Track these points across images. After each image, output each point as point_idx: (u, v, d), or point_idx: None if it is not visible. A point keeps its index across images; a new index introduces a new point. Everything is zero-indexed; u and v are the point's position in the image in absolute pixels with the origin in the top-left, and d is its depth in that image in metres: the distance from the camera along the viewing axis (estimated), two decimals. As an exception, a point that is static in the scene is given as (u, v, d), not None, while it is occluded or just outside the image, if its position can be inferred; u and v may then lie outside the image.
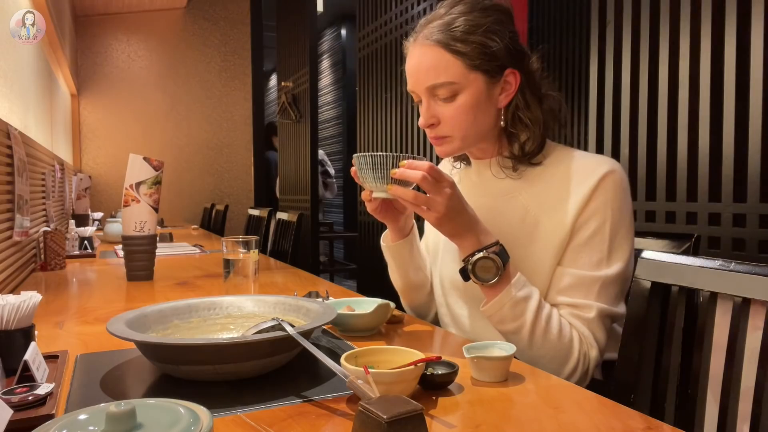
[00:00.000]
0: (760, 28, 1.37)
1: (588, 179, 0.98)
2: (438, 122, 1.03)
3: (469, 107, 1.00)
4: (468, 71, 0.99)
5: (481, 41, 0.98)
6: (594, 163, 1.00)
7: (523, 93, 1.03)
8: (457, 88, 0.99)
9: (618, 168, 0.99)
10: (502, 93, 1.02)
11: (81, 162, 4.96)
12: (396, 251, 1.17)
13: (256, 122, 5.59)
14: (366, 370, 0.66)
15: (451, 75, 0.98)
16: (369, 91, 3.52)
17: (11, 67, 2.07)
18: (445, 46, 0.98)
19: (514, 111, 1.03)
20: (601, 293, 0.96)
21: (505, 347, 0.81)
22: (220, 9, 5.44)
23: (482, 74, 0.99)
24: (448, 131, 1.02)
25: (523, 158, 1.04)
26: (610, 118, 1.75)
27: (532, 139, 1.03)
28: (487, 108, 1.02)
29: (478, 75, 0.99)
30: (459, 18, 1.00)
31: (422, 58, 1.01)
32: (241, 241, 1.26)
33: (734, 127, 1.42)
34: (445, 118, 1.01)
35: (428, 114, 1.02)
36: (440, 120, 1.02)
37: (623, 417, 0.67)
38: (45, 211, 2.40)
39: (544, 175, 1.04)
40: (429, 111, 1.02)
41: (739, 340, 0.79)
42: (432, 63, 0.99)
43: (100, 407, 0.51)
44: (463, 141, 1.03)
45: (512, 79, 1.02)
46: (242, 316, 0.99)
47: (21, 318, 0.82)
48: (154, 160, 1.63)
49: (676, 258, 0.89)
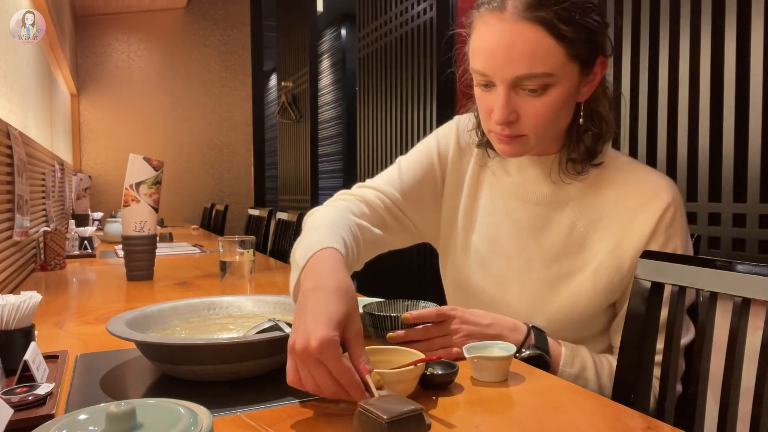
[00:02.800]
0: (760, 28, 1.37)
1: (648, 209, 0.89)
2: (517, 118, 0.85)
3: (559, 104, 0.83)
4: (567, 61, 0.81)
5: (587, 23, 0.81)
6: (653, 188, 0.90)
7: (602, 83, 0.90)
8: (551, 81, 0.81)
9: (677, 194, 0.90)
10: (586, 85, 0.87)
11: (81, 162, 4.96)
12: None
13: (256, 122, 5.59)
14: (365, 370, 0.66)
15: (551, 65, 0.80)
16: (369, 91, 3.52)
17: (11, 67, 2.07)
18: (551, 28, 0.79)
19: (592, 105, 0.90)
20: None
21: (505, 347, 0.81)
22: (220, 9, 5.44)
23: (578, 65, 0.83)
24: (528, 129, 0.86)
25: (589, 159, 0.91)
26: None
27: (603, 136, 0.90)
28: (571, 104, 0.87)
29: (575, 66, 0.83)
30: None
31: (518, 39, 0.79)
32: (237, 241, 1.26)
33: (734, 127, 1.42)
34: (528, 114, 0.84)
35: (508, 108, 0.84)
36: (520, 116, 0.85)
37: (623, 417, 0.67)
38: (45, 211, 2.40)
39: (596, 185, 0.93)
40: (509, 105, 0.84)
41: (739, 340, 0.79)
42: (530, 48, 0.79)
43: (100, 407, 0.51)
44: (538, 141, 0.88)
45: (599, 69, 0.87)
46: (242, 316, 0.99)
47: (21, 318, 0.82)
48: (154, 160, 1.63)
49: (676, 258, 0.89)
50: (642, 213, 0.90)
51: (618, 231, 0.91)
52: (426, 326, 0.85)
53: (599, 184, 0.93)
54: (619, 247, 0.91)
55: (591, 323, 0.96)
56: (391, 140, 3.26)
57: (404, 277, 2.99)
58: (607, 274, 0.92)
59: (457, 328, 0.86)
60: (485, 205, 1.02)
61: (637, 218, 0.90)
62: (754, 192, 1.38)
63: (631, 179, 0.92)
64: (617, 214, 0.91)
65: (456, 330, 0.86)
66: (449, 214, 1.07)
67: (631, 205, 0.91)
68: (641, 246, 0.90)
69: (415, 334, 0.85)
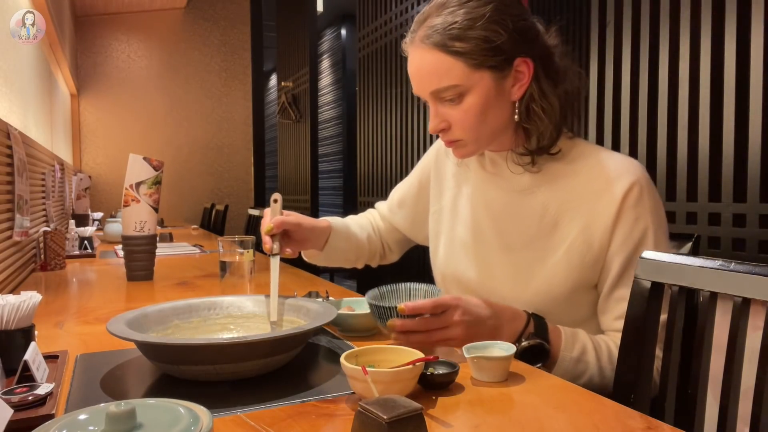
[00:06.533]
0: (760, 28, 1.37)
1: (613, 190, 0.93)
2: (449, 126, 0.97)
3: (479, 108, 0.93)
4: (472, 71, 0.91)
5: (482, 36, 0.90)
6: (619, 170, 0.94)
7: (538, 80, 0.95)
8: (462, 90, 0.92)
9: (642, 175, 0.94)
10: (515, 84, 0.95)
11: (81, 162, 4.96)
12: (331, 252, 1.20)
13: (256, 122, 5.59)
14: (364, 369, 0.66)
15: (454, 78, 0.92)
16: (369, 91, 3.52)
17: (11, 67, 2.07)
18: (443, 48, 0.91)
19: (528, 103, 0.96)
20: None
21: (505, 347, 0.81)
22: (220, 9, 5.44)
23: (488, 71, 0.92)
24: (460, 134, 0.97)
25: (540, 152, 0.98)
26: (610, 118, 1.75)
27: (547, 132, 0.96)
28: (500, 104, 0.95)
29: (484, 73, 0.92)
30: (455, 12, 0.91)
31: (421, 63, 0.94)
32: (237, 241, 1.26)
33: (734, 127, 1.42)
34: (455, 121, 0.95)
35: (437, 119, 0.97)
36: (450, 124, 0.96)
37: (623, 417, 0.67)
38: (45, 211, 2.40)
39: (566, 172, 0.99)
40: (437, 116, 0.96)
41: (739, 340, 0.79)
42: (432, 67, 0.93)
43: (100, 407, 0.51)
44: (477, 143, 0.98)
45: (525, 68, 0.94)
46: (242, 316, 0.99)
47: (21, 318, 0.82)
48: (154, 160, 1.63)
49: (676, 258, 0.89)
50: (606, 194, 0.94)
51: (586, 212, 0.96)
52: (425, 318, 0.85)
53: (568, 169, 0.99)
54: (588, 227, 0.95)
55: (571, 305, 0.99)
56: (391, 140, 3.26)
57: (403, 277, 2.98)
58: (579, 252, 0.96)
59: (458, 320, 0.86)
60: (468, 199, 1.10)
61: (602, 199, 0.94)
62: (754, 192, 1.38)
63: (597, 163, 0.98)
64: (584, 195, 0.96)
65: (457, 322, 0.86)
66: (435, 216, 1.18)
67: (597, 187, 0.95)
68: (609, 225, 0.94)
69: (415, 325, 0.85)
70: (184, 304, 0.97)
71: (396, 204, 1.30)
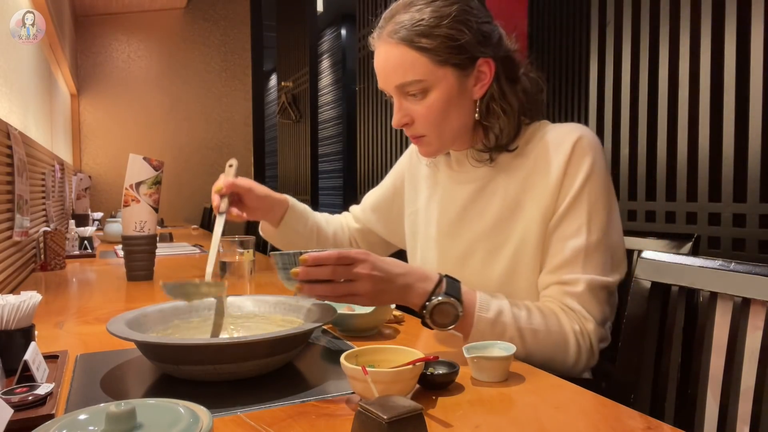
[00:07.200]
0: (760, 28, 1.37)
1: (560, 150, 0.96)
2: (412, 121, 1.00)
3: (442, 104, 0.97)
4: (436, 67, 0.95)
5: (447, 34, 0.94)
6: (563, 133, 0.98)
7: (499, 81, 0.99)
8: (426, 86, 0.96)
9: (587, 133, 0.97)
10: (477, 84, 0.99)
11: (81, 162, 4.96)
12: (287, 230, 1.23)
13: (256, 122, 5.59)
14: (364, 369, 0.66)
15: (419, 73, 0.95)
16: (369, 91, 3.52)
17: (11, 67, 2.07)
18: (410, 44, 0.94)
19: (488, 102, 1.00)
20: (587, 264, 0.93)
21: (505, 347, 0.81)
22: (220, 9, 5.44)
23: (452, 68, 0.96)
24: (423, 130, 1.00)
25: (499, 149, 1.01)
26: (610, 118, 1.75)
27: (506, 130, 1.00)
28: (462, 102, 0.99)
29: (448, 70, 0.96)
30: (422, 10, 0.95)
31: (387, 57, 0.97)
32: (237, 241, 1.26)
33: (734, 127, 1.42)
34: (418, 116, 0.98)
35: (400, 113, 1.00)
36: (414, 119, 0.99)
37: (623, 417, 0.67)
38: (45, 211, 2.40)
39: (520, 156, 1.02)
40: (401, 110, 0.99)
41: (739, 340, 0.79)
42: (398, 61, 0.96)
43: (100, 407, 0.51)
44: (440, 139, 1.01)
45: (486, 69, 0.98)
46: (242, 316, 0.99)
47: (21, 318, 0.82)
48: (154, 160, 1.63)
49: (676, 258, 0.89)
50: (556, 153, 0.97)
51: (540, 180, 0.98)
52: (332, 267, 0.82)
53: (523, 152, 1.02)
54: (545, 190, 0.97)
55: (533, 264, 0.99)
56: (391, 140, 3.26)
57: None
58: (544, 220, 0.97)
59: (366, 274, 0.83)
60: (440, 198, 1.13)
61: (554, 160, 0.97)
62: (754, 192, 1.38)
63: (547, 137, 1.00)
64: (537, 165, 0.99)
65: (365, 276, 0.83)
66: (411, 218, 1.21)
67: (547, 152, 0.98)
68: (560, 177, 0.95)
69: (320, 273, 0.82)
70: (185, 304, 0.96)
71: (369, 207, 1.34)
